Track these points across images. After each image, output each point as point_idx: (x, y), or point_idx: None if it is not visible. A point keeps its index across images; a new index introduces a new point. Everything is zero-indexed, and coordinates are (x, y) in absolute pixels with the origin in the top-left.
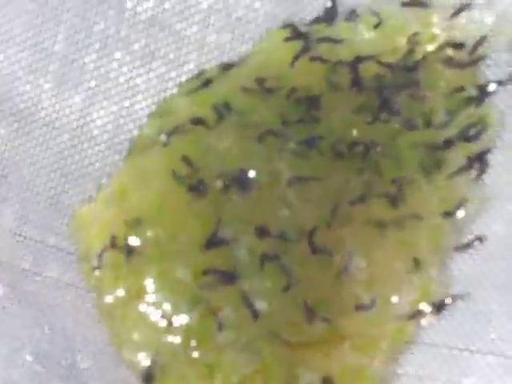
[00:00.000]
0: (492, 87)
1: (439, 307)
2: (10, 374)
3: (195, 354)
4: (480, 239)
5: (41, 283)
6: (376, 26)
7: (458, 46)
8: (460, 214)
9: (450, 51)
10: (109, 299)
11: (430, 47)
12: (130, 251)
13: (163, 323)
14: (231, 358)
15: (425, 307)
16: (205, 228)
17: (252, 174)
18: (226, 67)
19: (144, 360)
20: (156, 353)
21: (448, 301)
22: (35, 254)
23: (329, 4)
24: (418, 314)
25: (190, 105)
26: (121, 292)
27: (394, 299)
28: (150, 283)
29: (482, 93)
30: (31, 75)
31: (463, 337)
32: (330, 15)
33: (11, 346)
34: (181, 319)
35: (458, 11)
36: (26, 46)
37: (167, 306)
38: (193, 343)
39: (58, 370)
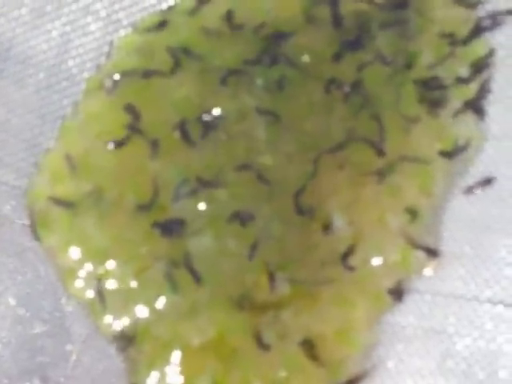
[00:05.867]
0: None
1: (433, 253)
2: None
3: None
4: (488, 181)
5: (21, 228)
6: None
7: None
8: (459, 154)
9: None
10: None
11: None
12: (68, 204)
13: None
14: (178, 327)
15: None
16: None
17: (216, 111)
18: (203, 1)
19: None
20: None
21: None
22: (13, 199)
23: None
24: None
25: (142, 47)
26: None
27: (377, 260)
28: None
29: (473, 34)
30: (5, 7)
31: (471, 285)
32: None
33: None
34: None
35: None
36: None
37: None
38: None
39: (42, 313)
